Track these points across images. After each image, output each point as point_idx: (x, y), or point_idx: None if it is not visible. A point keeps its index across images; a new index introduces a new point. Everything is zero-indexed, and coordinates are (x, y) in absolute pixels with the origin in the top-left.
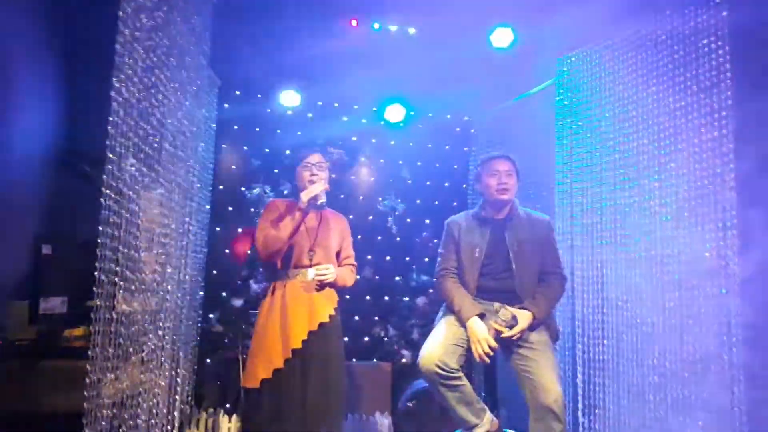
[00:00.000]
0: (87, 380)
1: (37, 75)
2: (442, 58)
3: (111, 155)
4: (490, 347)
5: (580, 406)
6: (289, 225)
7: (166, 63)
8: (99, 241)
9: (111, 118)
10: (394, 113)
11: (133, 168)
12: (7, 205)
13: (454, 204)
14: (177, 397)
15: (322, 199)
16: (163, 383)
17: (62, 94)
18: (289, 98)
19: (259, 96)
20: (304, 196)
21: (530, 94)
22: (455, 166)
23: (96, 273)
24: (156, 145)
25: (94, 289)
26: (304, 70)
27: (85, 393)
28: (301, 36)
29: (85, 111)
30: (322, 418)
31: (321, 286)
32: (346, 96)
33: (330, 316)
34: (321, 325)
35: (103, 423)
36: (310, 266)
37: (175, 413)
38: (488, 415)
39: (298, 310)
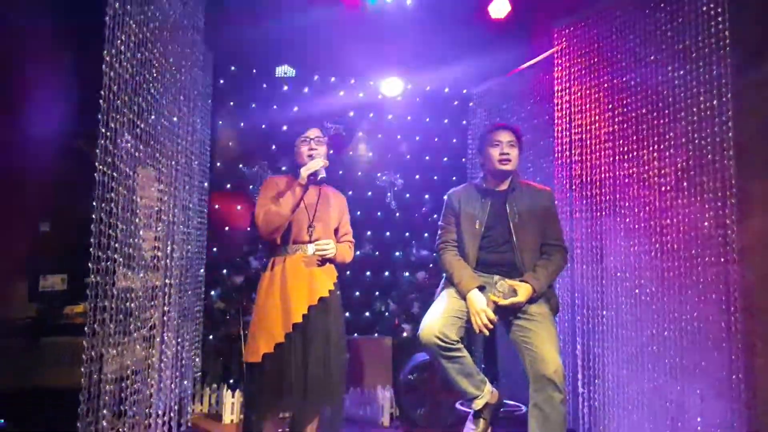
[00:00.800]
0: (84, 356)
1: (29, 51)
2: (439, 30)
3: (104, 131)
4: (489, 319)
5: (579, 376)
6: (290, 201)
7: (159, 38)
8: (93, 217)
9: (103, 93)
10: (392, 87)
11: (129, 144)
12: (4, 183)
13: (453, 178)
14: (179, 373)
15: (322, 174)
16: (166, 359)
17: (56, 71)
18: (285, 73)
19: (254, 71)
20: (304, 172)
21: (528, 65)
22: (454, 140)
23: (92, 250)
24: (151, 122)
25: (90, 265)
26: (300, 45)
27: (82, 369)
28: (296, 10)
29: (79, 87)
30: (324, 392)
31: (321, 261)
32: (342, 70)
33: (330, 291)
34: (321, 299)
35: (106, 398)
36: (310, 242)
37: (180, 389)
38: (488, 387)
39: (299, 285)
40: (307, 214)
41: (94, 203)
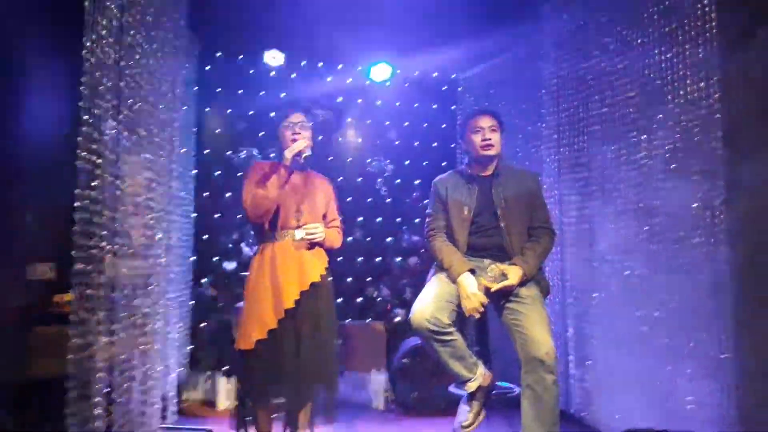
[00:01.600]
0: (70, 345)
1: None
2: (426, 13)
3: (86, 117)
4: (480, 303)
5: (571, 358)
6: (276, 183)
7: (142, 23)
8: (76, 204)
9: (84, 79)
10: (380, 72)
11: (114, 131)
12: None
13: (443, 164)
14: (172, 360)
15: (307, 153)
16: (157, 347)
17: (36, 56)
18: (272, 58)
19: (241, 57)
20: (288, 153)
21: (517, 49)
22: (443, 126)
23: (74, 238)
24: (136, 108)
25: (73, 253)
26: (287, 30)
27: (69, 356)
28: None
29: (61, 72)
30: (317, 376)
31: (311, 245)
32: (330, 55)
33: (321, 276)
34: (312, 284)
35: (98, 386)
36: (298, 227)
37: (172, 376)
38: (481, 369)
39: (289, 271)
40: (294, 198)
41: (77, 191)
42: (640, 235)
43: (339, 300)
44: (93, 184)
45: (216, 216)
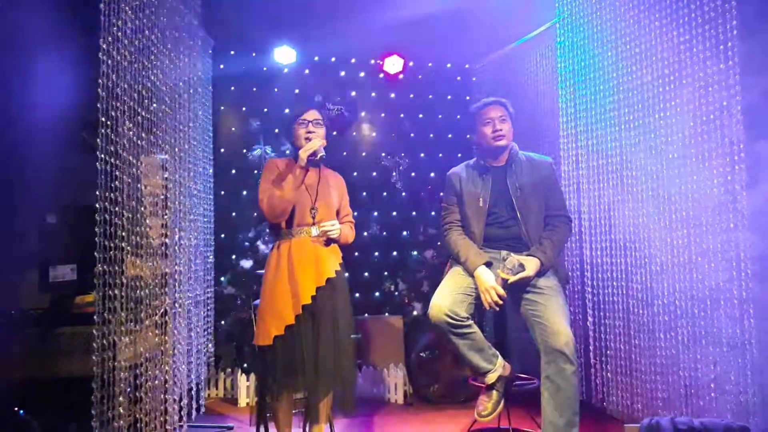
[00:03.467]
0: (94, 345)
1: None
2: (439, 4)
3: (104, 119)
4: (498, 295)
5: (591, 348)
6: (292, 183)
7: (156, 23)
8: (97, 206)
9: (101, 81)
10: (393, 65)
11: (130, 132)
12: (9, 175)
13: (459, 155)
14: (194, 358)
15: (322, 153)
16: (179, 345)
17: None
18: (285, 55)
19: (254, 54)
20: (303, 153)
21: (531, 36)
22: (458, 117)
23: (97, 239)
24: (152, 109)
25: (96, 254)
26: (299, 25)
27: (94, 357)
28: None
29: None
30: (336, 371)
31: (327, 242)
32: (342, 50)
33: (336, 272)
34: (329, 280)
35: (122, 385)
36: (314, 224)
37: (194, 375)
38: (500, 360)
39: (306, 267)
40: (309, 196)
41: (98, 192)
42: (660, 222)
43: (356, 295)
44: (112, 185)
45: (233, 214)
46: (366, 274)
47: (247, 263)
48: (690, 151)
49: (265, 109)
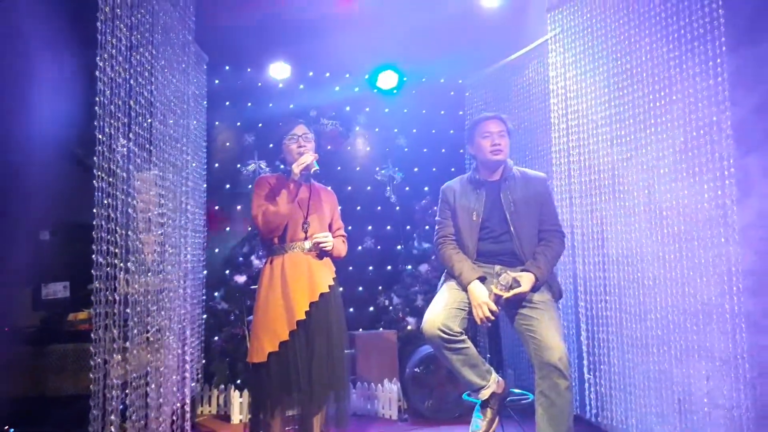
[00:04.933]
0: (91, 362)
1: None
2: (432, 20)
3: (100, 136)
4: (491, 311)
5: (585, 362)
6: (285, 199)
7: (150, 40)
8: (94, 223)
9: (97, 98)
10: (387, 80)
11: (124, 149)
12: (3, 192)
13: (452, 170)
14: (186, 375)
15: (315, 167)
16: (171, 363)
17: (49, 77)
18: (279, 70)
19: (249, 70)
20: (296, 168)
21: (523, 52)
22: (451, 131)
23: (93, 256)
24: (146, 125)
25: (92, 272)
26: (293, 41)
27: (91, 375)
28: (287, 6)
29: (72, 92)
30: (329, 386)
31: (320, 255)
32: (336, 65)
33: (330, 287)
34: (321, 295)
35: (113, 403)
36: (306, 239)
37: (186, 391)
38: (494, 376)
39: (299, 282)
40: (301, 211)
41: (94, 210)
42: (652, 236)
43: (350, 309)
44: (105, 201)
45: (227, 229)
46: (360, 288)
47: (240, 278)
48: (681, 166)
49: (260, 125)
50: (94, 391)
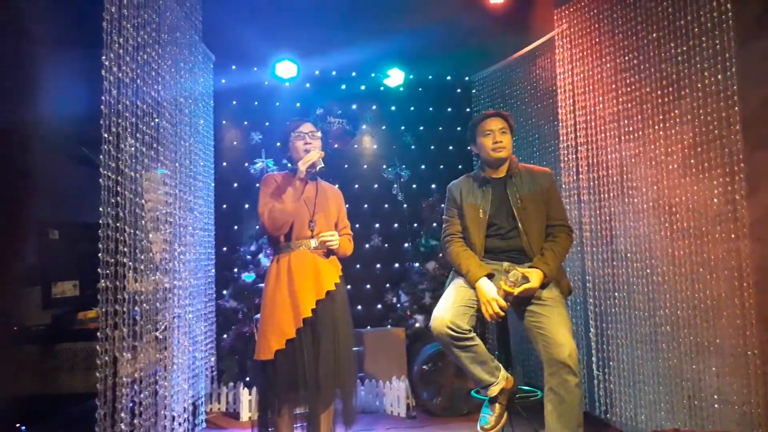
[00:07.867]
0: (98, 361)
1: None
2: (438, 17)
3: (107, 135)
4: (500, 307)
5: (594, 359)
6: (292, 196)
7: (157, 40)
8: (101, 222)
9: (103, 97)
10: (394, 78)
11: (132, 148)
12: (11, 192)
13: (459, 167)
14: (196, 373)
15: (321, 165)
16: (181, 360)
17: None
18: (286, 69)
19: (255, 69)
20: (302, 165)
21: (530, 49)
22: (458, 129)
23: (100, 255)
24: (154, 124)
25: (99, 270)
26: (299, 40)
27: (97, 373)
28: (293, 4)
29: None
30: (336, 383)
31: (326, 253)
32: (343, 63)
33: (336, 284)
34: (328, 293)
35: (123, 401)
36: (312, 237)
37: (195, 389)
38: (503, 373)
39: (305, 280)
40: (307, 209)
41: (101, 208)
42: (661, 232)
43: (358, 307)
44: (114, 200)
45: (235, 228)
46: (368, 286)
47: (249, 277)
48: (690, 162)
49: (267, 123)
50: (102, 389)
